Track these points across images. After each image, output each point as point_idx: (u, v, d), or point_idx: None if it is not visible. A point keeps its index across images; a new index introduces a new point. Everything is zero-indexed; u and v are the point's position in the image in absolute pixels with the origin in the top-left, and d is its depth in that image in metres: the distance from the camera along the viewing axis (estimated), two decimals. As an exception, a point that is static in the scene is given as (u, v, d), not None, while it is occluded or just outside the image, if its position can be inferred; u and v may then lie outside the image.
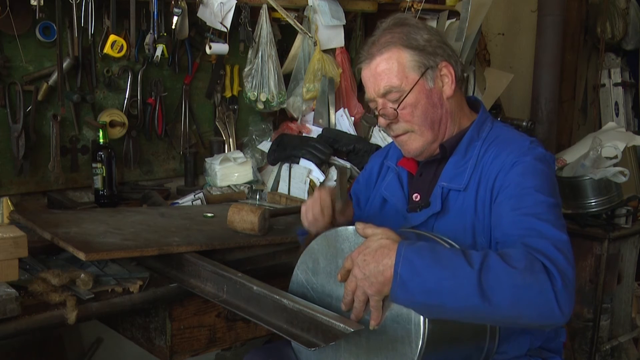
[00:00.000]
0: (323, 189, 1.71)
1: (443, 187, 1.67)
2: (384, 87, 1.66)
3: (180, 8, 2.51)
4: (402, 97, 1.65)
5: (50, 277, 1.67)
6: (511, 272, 1.29)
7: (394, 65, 1.65)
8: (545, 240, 1.37)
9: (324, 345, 1.38)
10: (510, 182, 1.55)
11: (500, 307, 1.29)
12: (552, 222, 1.43)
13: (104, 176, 2.43)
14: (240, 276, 1.65)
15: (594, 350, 2.88)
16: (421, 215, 1.69)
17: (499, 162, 1.60)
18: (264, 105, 2.84)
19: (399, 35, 1.66)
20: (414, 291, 1.32)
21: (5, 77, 2.33)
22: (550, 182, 1.56)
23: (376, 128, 2.94)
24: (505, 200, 1.54)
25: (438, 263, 1.33)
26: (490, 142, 1.67)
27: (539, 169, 1.56)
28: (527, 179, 1.53)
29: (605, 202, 2.78)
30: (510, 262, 1.30)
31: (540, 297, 1.28)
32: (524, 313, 1.30)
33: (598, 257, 2.80)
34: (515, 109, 4.03)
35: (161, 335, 1.84)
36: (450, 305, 1.31)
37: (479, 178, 1.62)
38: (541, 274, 1.29)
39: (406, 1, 3.01)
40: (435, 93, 1.67)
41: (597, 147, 2.81)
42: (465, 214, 1.62)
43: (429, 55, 1.65)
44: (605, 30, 4.44)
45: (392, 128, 1.70)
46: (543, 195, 1.50)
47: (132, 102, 2.62)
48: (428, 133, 1.68)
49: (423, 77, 1.65)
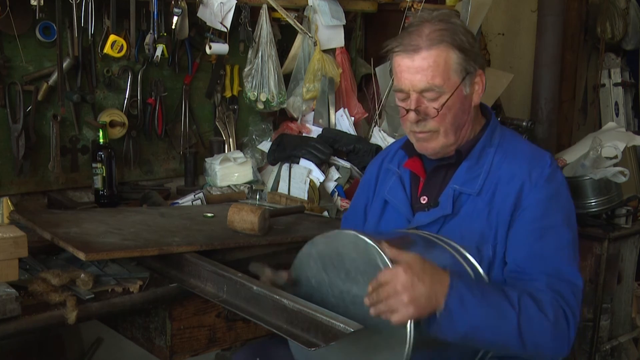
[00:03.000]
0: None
1: (455, 189, 1.65)
2: (425, 84, 1.60)
3: (180, 8, 2.51)
4: (442, 99, 1.61)
5: (50, 277, 1.67)
6: (544, 322, 1.45)
7: (440, 63, 1.59)
8: (566, 284, 1.51)
9: (324, 345, 1.38)
10: (535, 208, 1.58)
11: (529, 347, 1.46)
12: (573, 263, 1.57)
13: (104, 176, 2.43)
14: (240, 276, 1.65)
15: (594, 350, 2.87)
16: (429, 215, 1.67)
17: (520, 176, 1.61)
18: (264, 105, 2.84)
19: (447, 32, 1.60)
20: (458, 324, 1.39)
21: (5, 77, 2.33)
22: (572, 214, 1.63)
23: (376, 128, 2.94)
24: (527, 225, 1.57)
25: (485, 301, 1.42)
26: (505, 151, 1.67)
27: (563, 200, 1.62)
28: (552, 208, 1.58)
29: (605, 202, 2.78)
30: (542, 309, 1.45)
31: (559, 341, 1.48)
32: (544, 351, 1.49)
33: (598, 257, 2.79)
34: (515, 109, 4.03)
35: (161, 335, 1.84)
36: (488, 339, 1.44)
37: (496, 186, 1.62)
38: (563, 321, 1.48)
39: (406, 1, 3.01)
40: (468, 99, 1.66)
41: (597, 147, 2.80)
42: (475, 219, 1.62)
43: (471, 60, 1.63)
44: (605, 30, 4.44)
45: (419, 125, 1.65)
46: (566, 229, 1.58)
47: (132, 102, 2.62)
48: (452, 136, 1.66)
49: (463, 82, 1.62)
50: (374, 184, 1.87)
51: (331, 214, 2.48)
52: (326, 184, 2.65)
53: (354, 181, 2.68)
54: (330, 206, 2.53)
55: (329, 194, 2.63)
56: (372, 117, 3.05)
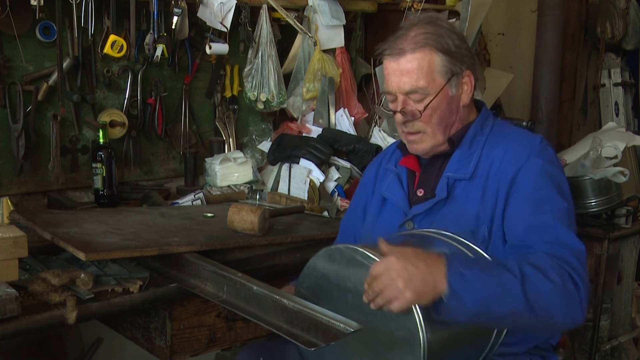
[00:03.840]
0: None
1: (449, 177, 1.69)
2: (410, 86, 1.65)
3: (180, 8, 2.51)
4: (427, 100, 1.65)
5: (50, 277, 1.67)
6: (549, 284, 1.42)
7: (424, 66, 1.64)
8: (567, 249, 1.50)
9: (323, 345, 1.38)
10: (528, 183, 1.59)
11: (540, 313, 1.42)
12: (571, 229, 1.56)
13: (104, 176, 2.43)
14: (240, 276, 1.65)
15: (594, 350, 2.87)
16: (425, 204, 1.70)
17: (512, 156, 1.63)
18: (264, 105, 2.84)
19: (432, 35, 1.64)
20: (466, 302, 1.37)
21: (5, 77, 2.33)
22: (565, 185, 1.63)
23: (376, 128, 2.94)
24: (522, 201, 1.58)
25: (486, 274, 1.40)
26: (497, 137, 1.71)
27: (555, 172, 1.63)
28: (544, 181, 1.59)
29: (605, 202, 2.78)
30: (546, 275, 1.42)
31: (571, 305, 1.45)
32: (557, 319, 1.45)
33: (598, 257, 2.79)
34: (515, 109, 4.03)
35: (161, 335, 1.84)
36: (498, 311, 1.40)
37: (489, 169, 1.65)
38: (570, 285, 1.45)
39: (406, 1, 3.01)
40: (455, 100, 1.70)
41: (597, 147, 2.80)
42: (470, 202, 1.65)
43: (457, 61, 1.66)
44: (605, 30, 4.44)
45: (407, 125, 1.71)
46: (560, 199, 1.58)
47: (132, 102, 2.62)
48: (440, 136, 1.71)
49: (448, 83, 1.66)
50: (373, 184, 1.91)
51: (331, 214, 2.49)
52: (326, 184, 2.65)
53: (354, 181, 2.68)
54: (330, 206, 2.53)
55: (329, 194, 2.64)
56: (372, 117, 3.06)
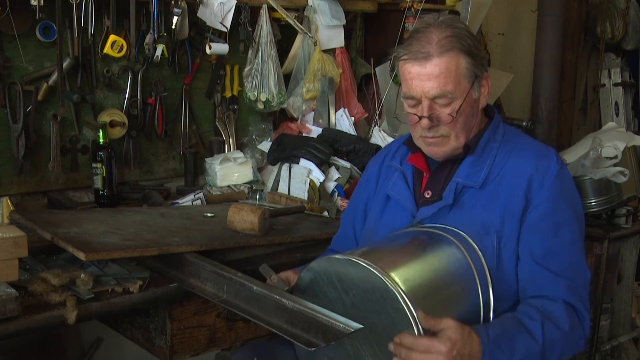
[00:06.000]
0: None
1: (458, 182, 1.68)
2: (437, 91, 1.61)
3: (180, 8, 2.51)
4: (455, 104, 1.62)
5: (50, 277, 1.67)
6: (563, 337, 1.54)
7: (452, 70, 1.60)
8: (580, 279, 1.62)
9: (323, 345, 1.38)
10: (548, 204, 1.62)
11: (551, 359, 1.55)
12: (583, 255, 1.66)
13: (104, 176, 2.43)
14: (240, 276, 1.65)
15: (594, 350, 2.87)
16: (432, 208, 1.69)
17: (527, 169, 1.65)
18: (264, 105, 2.84)
19: (456, 38, 1.61)
20: None
21: (5, 77, 2.33)
22: (579, 205, 1.70)
23: (376, 128, 2.94)
24: (542, 222, 1.62)
25: (514, 352, 1.47)
26: (509, 145, 1.70)
27: (573, 192, 1.71)
28: (563, 204, 1.64)
29: (605, 202, 2.78)
30: (559, 325, 1.54)
31: (578, 343, 1.60)
32: (564, 357, 1.59)
33: (598, 257, 2.79)
34: (515, 109, 4.03)
35: (161, 335, 1.84)
36: None
37: (501, 179, 1.66)
38: (578, 326, 1.59)
39: (406, 1, 3.01)
40: (477, 103, 1.69)
41: (597, 147, 2.80)
42: (477, 209, 1.64)
43: (479, 64, 1.65)
44: (605, 30, 4.44)
45: (432, 130, 1.66)
46: (577, 224, 1.65)
47: (132, 102, 2.62)
48: (462, 140, 1.68)
49: (472, 87, 1.64)
50: (376, 181, 1.88)
51: (331, 214, 2.48)
52: (326, 184, 2.65)
53: (354, 181, 2.68)
54: (330, 206, 2.53)
55: (329, 194, 2.64)
56: (372, 117, 3.06)
